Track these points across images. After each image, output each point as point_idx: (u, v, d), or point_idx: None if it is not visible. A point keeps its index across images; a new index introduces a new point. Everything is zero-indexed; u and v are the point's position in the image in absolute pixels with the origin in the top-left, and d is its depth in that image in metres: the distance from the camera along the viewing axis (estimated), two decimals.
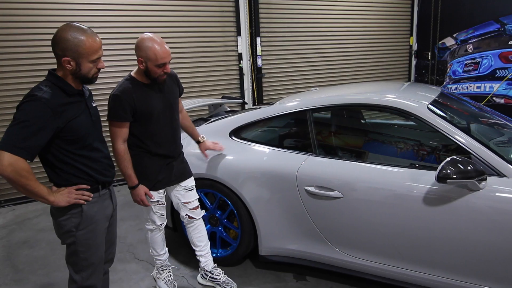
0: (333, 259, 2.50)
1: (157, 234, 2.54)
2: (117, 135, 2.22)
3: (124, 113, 2.17)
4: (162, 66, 2.17)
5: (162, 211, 2.48)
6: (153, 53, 2.12)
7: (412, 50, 7.27)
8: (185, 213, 2.50)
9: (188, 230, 2.59)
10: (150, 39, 2.14)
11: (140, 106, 2.21)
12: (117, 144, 2.22)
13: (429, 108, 2.31)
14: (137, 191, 2.32)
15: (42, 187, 1.65)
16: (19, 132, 1.55)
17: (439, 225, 2.10)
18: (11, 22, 4.20)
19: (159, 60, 2.13)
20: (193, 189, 2.52)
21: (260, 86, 5.89)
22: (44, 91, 1.62)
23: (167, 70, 2.22)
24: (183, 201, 2.48)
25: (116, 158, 2.24)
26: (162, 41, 2.16)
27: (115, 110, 2.17)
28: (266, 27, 5.80)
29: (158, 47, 2.12)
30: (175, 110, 2.41)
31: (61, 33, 1.64)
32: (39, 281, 2.83)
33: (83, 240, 1.79)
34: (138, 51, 2.17)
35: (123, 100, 2.15)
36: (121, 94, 2.16)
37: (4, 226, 3.85)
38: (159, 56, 2.12)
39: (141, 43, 2.15)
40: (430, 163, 2.67)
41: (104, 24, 4.64)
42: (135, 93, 2.19)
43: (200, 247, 2.60)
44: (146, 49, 2.12)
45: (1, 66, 4.21)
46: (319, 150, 2.59)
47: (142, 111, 2.22)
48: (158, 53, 2.12)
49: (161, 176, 2.37)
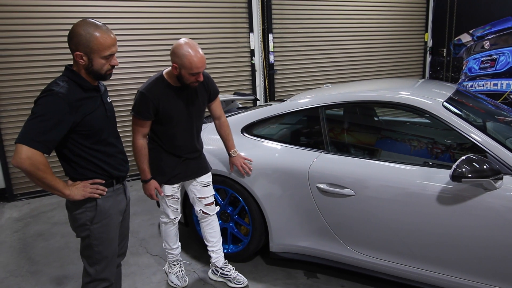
0: (344, 257, 2.49)
1: (170, 228, 2.57)
2: (137, 130, 2.27)
3: (147, 112, 2.21)
4: (196, 75, 2.16)
5: (176, 205, 2.51)
6: (188, 61, 2.09)
7: (427, 47, 7.16)
8: (199, 208, 2.53)
9: (202, 225, 2.61)
10: (187, 46, 2.11)
11: (164, 108, 2.23)
12: (136, 138, 2.28)
13: (444, 106, 2.27)
14: (149, 185, 2.37)
15: (58, 180, 1.68)
16: (37, 126, 1.58)
17: (453, 224, 2.07)
18: (29, 18, 4.27)
19: (194, 69, 2.12)
20: (209, 185, 2.54)
21: (272, 82, 5.88)
22: (61, 86, 1.64)
23: (200, 78, 2.19)
24: (198, 196, 2.51)
25: (133, 151, 2.32)
26: (198, 49, 2.13)
27: (139, 107, 2.21)
28: (279, 23, 5.77)
29: (194, 55, 2.09)
30: (198, 116, 2.42)
31: (75, 28, 1.66)
32: (54, 273, 2.89)
33: (97, 233, 1.82)
34: (173, 57, 2.14)
35: (148, 100, 2.18)
36: (148, 93, 2.19)
37: (20, 219, 3.93)
38: (194, 65, 2.10)
39: (177, 49, 2.12)
40: (444, 162, 2.63)
41: (119, 21, 4.68)
42: (161, 95, 2.21)
43: (212, 242, 2.62)
44: (182, 57, 2.10)
45: (19, 61, 4.29)
46: (331, 147, 2.58)
47: (165, 113, 2.25)
48: (194, 62, 2.09)
49: (176, 171, 2.40)
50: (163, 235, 2.61)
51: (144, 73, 4.95)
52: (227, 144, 2.58)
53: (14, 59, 4.27)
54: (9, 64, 4.26)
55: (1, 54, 4.21)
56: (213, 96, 2.47)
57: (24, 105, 4.34)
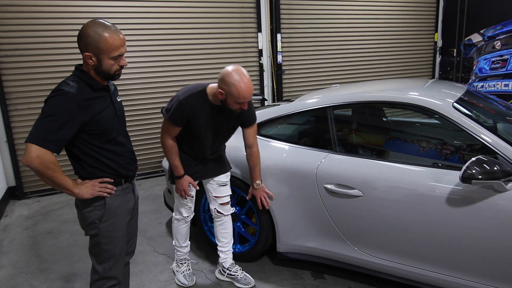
0: (351, 258, 2.48)
1: (182, 226, 2.60)
2: (167, 132, 2.30)
3: (180, 120, 2.22)
4: (242, 104, 2.12)
5: (189, 203, 2.53)
6: (236, 91, 2.05)
7: (437, 47, 7.09)
8: (214, 207, 2.54)
9: (215, 225, 2.62)
10: (236, 74, 2.05)
11: (195, 122, 2.24)
12: (165, 138, 2.31)
13: (455, 106, 2.25)
14: (183, 181, 2.40)
15: (67, 179, 1.70)
16: (46, 126, 1.59)
17: (462, 226, 2.05)
18: (39, 18, 4.32)
19: (241, 99, 2.08)
20: (226, 185, 2.55)
21: (280, 82, 5.87)
22: (71, 86, 1.66)
23: (245, 107, 2.15)
24: (214, 195, 2.52)
25: (163, 149, 2.36)
26: (247, 78, 2.07)
27: (173, 113, 2.20)
28: (287, 23, 5.76)
29: (243, 86, 2.04)
30: (225, 136, 2.44)
31: (84, 29, 1.67)
32: (62, 271, 2.92)
33: (106, 232, 1.84)
34: (221, 83, 2.09)
35: (184, 110, 2.18)
36: (185, 104, 2.18)
37: (30, 217, 3.98)
38: (242, 95, 2.06)
39: (226, 77, 2.06)
40: (454, 163, 2.60)
41: (128, 21, 4.71)
42: (198, 109, 2.21)
43: (223, 243, 2.63)
44: (230, 85, 2.04)
45: (30, 61, 4.34)
46: (339, 148, 2.57)
47: (194, 126, 2.26)
48: (242, 92, 2.05)
49: (193, 170, 2.44)
50: (174, 232, 2.63)
51: (153, 73, 4.98)
52: (253, 175, 2.52)
53: (24, 58, 4.32)
54: (19, 64, 4.31)
55: (12, 53, 4.26)
56: (247, 122, 2.40)
57: (35, 104, 4.39)
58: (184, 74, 5.16)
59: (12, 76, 4.31)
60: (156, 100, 5.04)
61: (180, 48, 5.09)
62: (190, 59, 5.17)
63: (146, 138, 5.09)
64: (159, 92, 5.05)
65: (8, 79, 4.29)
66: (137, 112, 4.98)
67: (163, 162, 3.24)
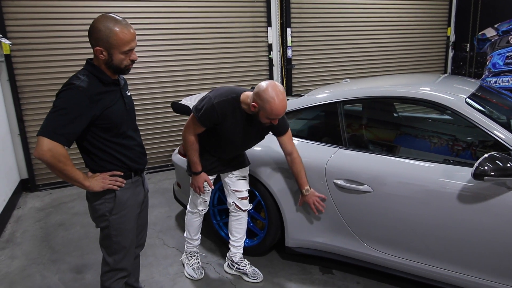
0: (360, 254, 2.47)
1: (195, 219, 2.62)
2: (191, 129, 2.28)
3: (208, 122, 2.20)
4: (273, 119, 2.11)
5: (206, 197, 2.55)
6: (270, 107, 2.02)
7: (450, 41, 6.98)
8: (233, 201, 2.55)
9: (230, 219, 2.63)
10: (273, 91, 2.01)
11: (224, 127, 2.22)
12: (188, 134, 2.30)
13: (467, 102, 2.22)
14: (199, 177, 2.41)
15: (78, 172, 1.72)
16: (58, 119, 1.61)
17: (473, 223, 2.03)
18: (51, 13, 4.36)
19: (273, 116, 2.06)
20: (245, 179, 2.55)
21: (289, 77, 5.85)
22: (82, 80, 1.67)
23: (275, 123, 2.13)
24: (232, 189, 2.53)
25: (184, 144, 2.35)
26: (282, 96, 2.04)
27: (203, 114, 2.17)
28: (297, 18, 5.72)
29: (278, 104, 2.01)
30: (250, 144, 2.43)
31: (95, 23, 1.67)
32: (73, 262, 2.96)
33: (116, 224, 1.86)
34: (256, 97, 2.06)
35: (215, 114, 2.16)
36: (218, 108, 2.15)
37: (42, 209, 4.04)
38: (275, 113, 2.03)
39: (262, 93, 2.03)
40: (466, 159, 2.57)
41: (138, 15, 4.73)
42: (229, 116, 2.19)
43: (236, 238, 2.64)
44: (265, 101, 2.01)
45: (42, 55, 4.39)
46: (349, 143, 2.55)
47: (222, 130, 2.24)
48: (275, 109, 2.02)
49: (212, 165, 2.44)
50: (187, 224, 2.66)
51: (164, 67, 5.00)
52: (300, 182, 2.44)
53: (36, 53, 4.37)
54: (31, 58, 4.36)
55: (24, 48, 4.31)
56: (279, 132, 2.34)
57: (47, 98, 4.44)
58: (194, 69, 5.17)
59: (25, 70, 4.36)
60: (166, 95, 5.06)
61: (190, 43, 5.09)
62: (200, 54, 5.17)
63: (156, 132, 5.12)
64: (169, 87, 5.07)
65: (20, 73, 4.34)
66: (147, 106, 5.01)
67: (173, 156, 3.26)
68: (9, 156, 4.25)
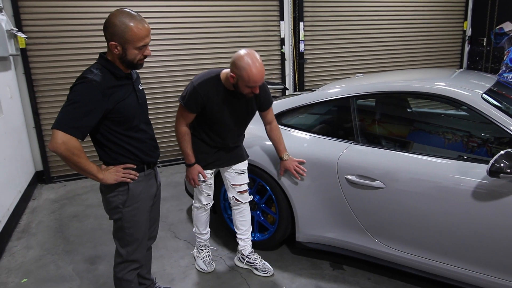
0: (371, 250, 2.46)
1: (202, 213, 2.63)
2: (181, 119, 2.31)
3: (195, 106, 2.24)
4: (252, 88, 2.12)
5: (208, 191, 2.55)
6: (246, 74, 2.04)
7: (466, 36, 6.84)
8: (233, 195, 2.56)
9: (233, 213, 2.64)
10: (248, 58, 2.05)
11: (211, 107, 2.25)
12: (180, 125, 2.32)
13: (484, 98, 2.18)
14: (193, 169, 2.41)
15: (92, 165, 1.74)
16: (72, 113, 1.63)
17: (488, 221, 1.99)
18: (65, 7, 4.40)
19: (251, 83, 2.08)
20: (244, 173, 2.55)
21: (301, 72, 5.81)
22: (95, 74, 1.69)
23: (256, 91, 2.15)
24: (232, 183, 2.53)
25: (176, 136, 2.37)
26: (258, 62, 2.06)
27: (188, 99, 2.23)
28: (310, 11, 5.67)
29: (254, 70, 2.04)
30: (243, 122, 2.43)
31: (110, 18, 1.69)
32: (87, 253, 3.01)
33: (129, 216, 1.88)
34: (232, 67, 2.10)
35: (198, 96, 2.20)
36: (200, 89, 2.20)
37: (57, 201, 4.12)
38: (252, 79, 2.06)
39: (237, 61, 2.06)
40: (481, 156, 2.53)
41: (151, 9, 4.74)
42: (212, 94, 2.22)
43: (242, 231, 2.65)
44: (241, 69, 2.05)
45: (56, 49, 4.45)
46: (362, 139, 2.53)
47: (210, 112, 2.27)
48: (252, 76, 2.04)
49: (211, 159, 2.44)
50: (194, 219, 2.67)
51: (176, 61, 5.01)
52: (279, 148, 2.52)
53: (51, 46, 4.43)
54: (46, 52, 4.42)
55: (39, 41, 4.37)
56: (264, 106, 2.42)
57: (61, 92, 4.50)
58: (206, 63, 5.17)
59: (40, 63, 4.42)
60: (178, 89, 5.08)
61: (202, 37, 5.10)
62: (212, 48, 5.17)
63: (168, 126, 5.15)
64: (181, 81, 5.09)
65: (35, 66, 4.41)
66: (159, 100, 5.04)
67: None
68: (25, 149, 4.33)
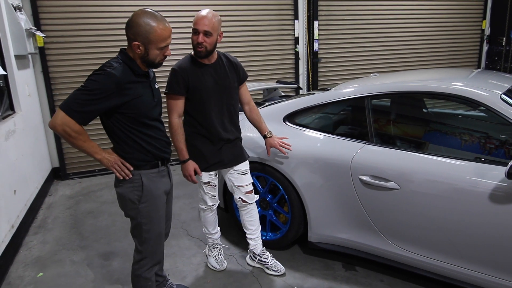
0: (385, 252, 2.43)
1: (208, 214, 2.63)
2: (172, 109, 2.33)
3: (178, 87, 2.28)
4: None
5: (213, 192, 2.54)
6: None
7: (484, 35, 6.70)
8: (239, 196, 2.55)
9: (241, 213, 2.64)
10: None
11: (193, 82, 2.30)
12: (172, 118, 2.34)
13: (503, 98, 2.13)
14: (187, 165, 2.40)
15: (91, 145, 1.78)
16: (79, 97, 1.68)
17: (505, 225, 1.95)
18: (83, 6, 4.46)
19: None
20: (246, 173, 2.55)
21: (315, 71, 5.78)
22: (115, 67, 1.73)
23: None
24: (237, 184, 2.53)
25: (170, 131, 2.36)
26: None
27: (170, 84, 2.30)
28: (325, 10, 5.63)
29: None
30: (228, 93, 2.41)
31: (135, 18, 1.72)
32: (101, 249, 3.06)
33: (145, 212, 1.91)
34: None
35: (178, 74, 2.28)
36: (178, 68, 2.30)
37: (72, 197, 4.19)
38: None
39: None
40: (499, 158, 2.47)
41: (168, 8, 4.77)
42: (190, 69, 2.30)
43: (251, 230, 2.65)
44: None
45: (74, 47, 4.52)
46: (376, 139, 2.50)
47: (194, 88, 2.31)
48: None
49: (212, 160, 2.43)
50: (202, 220, 2.68)
51: None
52: (261, 127, 2.58)
53: (69, 45, 4.50)
54: (64, 50, 4.50)
55: (57, 40, 4.45)
56: (243, 78, 2.52)
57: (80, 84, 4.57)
58: None
59: (57, 62, 4.51)
60: None
61: None
62: (226, 47, 5.18)
63: None
64: None
65: (53, 65, 4.49)
66: None
67: None
68: (42, 145, 4.42)
